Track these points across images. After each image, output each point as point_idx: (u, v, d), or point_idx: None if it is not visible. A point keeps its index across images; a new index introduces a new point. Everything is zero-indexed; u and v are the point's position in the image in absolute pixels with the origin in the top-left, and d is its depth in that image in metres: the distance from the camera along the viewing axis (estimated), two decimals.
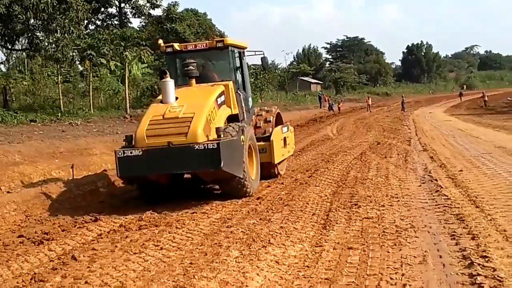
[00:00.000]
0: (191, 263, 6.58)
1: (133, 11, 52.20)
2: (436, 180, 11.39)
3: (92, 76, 28.89)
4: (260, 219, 8.81)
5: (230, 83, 12.21)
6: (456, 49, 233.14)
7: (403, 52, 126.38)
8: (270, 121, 13.40)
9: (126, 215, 10.17)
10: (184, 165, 10.24)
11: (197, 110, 10.66)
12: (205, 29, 60.41)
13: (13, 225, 9.96)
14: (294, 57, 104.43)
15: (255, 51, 13.81)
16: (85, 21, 34.46)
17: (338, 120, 38.98)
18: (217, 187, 11.99)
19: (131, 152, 10.29)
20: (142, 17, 54.91)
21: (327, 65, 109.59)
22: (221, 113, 11.57)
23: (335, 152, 18.44)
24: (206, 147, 9.97)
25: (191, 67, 12.00)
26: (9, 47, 25.56)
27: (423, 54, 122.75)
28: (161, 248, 7.44)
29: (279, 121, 14.14)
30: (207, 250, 7.15)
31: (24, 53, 31.08)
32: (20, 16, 20.80)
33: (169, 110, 10.85)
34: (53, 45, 22.91)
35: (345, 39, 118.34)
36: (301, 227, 8.18)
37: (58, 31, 22.60)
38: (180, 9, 55.50)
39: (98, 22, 51.27)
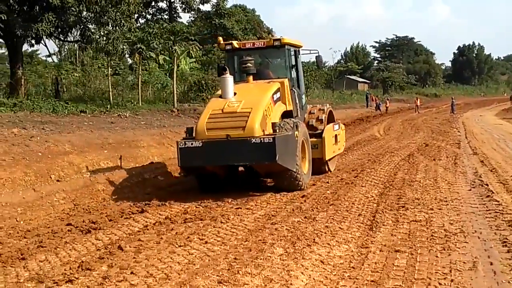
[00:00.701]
0: (235, 259, 6.57)
1: (183, 6, 52.54)
2: (487, 184, 11.09)
3: (141, 69, 29.24)
4: (305, 217, 8.74)
5: (286, 81, 12.61)
6: (509, 51, 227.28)
7: (454, 53, 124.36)
8: (322, 119, 13.71)
9: (172, 208, 10.27)
10: (241, 157, 10.76)
11: (254, 105, 11.15)
12: (253, 26, 60.44)
13: (62, 213, 10.18)
14: (341, 55, 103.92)
15: (310, 50, 14.27)
16: (136, 15, 34.90)
17: (385, 120, 38.46)
18: (269, 180, 12.48)
19: (191, 144, 10.87)
20: (192, 12, 55.27)
21: (375, 64, 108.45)
22: (277, 109, 11.99)
23: (381, 152, 18.19)
24: (263, 141, 10.48)
25: (249, 64, 12.45)
26: (62, 38, 26.05)
27: (474, 55, 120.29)
28: (206, 242, 7.46)
29: (331, 118, 14.52)
30: (251, 246, 7.13)
31: (76, 45, 31.69)
32: (73, 8, 21.19)
33: (228, 105, 11.35)
34: (104, 37, 23.22)
35: (394, 38, 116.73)
36: (346, 227, 8.08)
37: (110, 24, 22.91)
38: (229, 4, 55.71)
39: (149, 16, 51.89)
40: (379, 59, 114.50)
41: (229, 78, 11.85)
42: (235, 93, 11.82)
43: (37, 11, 20.90)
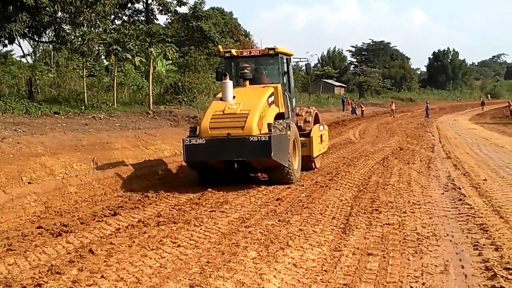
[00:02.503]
0: (208, 262, 6.52)
1: (160, 7, 52.27)
2: (460, 188, 11.20)
3: (117, 71, 28.99)
4: (279, 220, 8.72)
5: (279, 86, 13.97)
6: (483, 57, 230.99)
7: (429, 58, 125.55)
8: (309, 121, 15.20)
9: (145, 211, 10.19)
10: (240, 153, 12.11)
11: (252, 107, 12.47)
12: (230, 28, 60.50)
13: (32, 216, 10.03)
14: (318, 59, 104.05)
15: (300, 58, 15.85)
16: (112, 16, 34.66)
17: (361, 124, 38.74)
18: (262, 175, 13.94)
19: (196, 141, 12.20)
20: (169, 14, 55.00)
21: (351, 68, 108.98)
22: (271, 111, 13.27)
23: (356, 156, 18.29)
24: (260, 139, 11.85)
25: (246, 71, 13.93)
26: (36, 39, 25.73)
27: (449, 60, 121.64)
28: (179, 246, 7.40)
29: (316, 120, 16.02)
30: (224, 249, 7.09)
31: (50, 46, 31.34)
32: (47, 8, 20.89)
33: (228, 107, 12.66)
34: (80, 38, 22.97)
35: (371, 43, 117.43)
36: (320, 230, 8.08)
37: (85, 24, 22.68)
38: (206, 7, 55.57)
39: (125, 18, 51.49)
40: (356, 63, 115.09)
41: (229, 83, 13.13)
42: (234, 96, 13.05)
43: (10, 11, 20.53)
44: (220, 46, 15.18)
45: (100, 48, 25.69)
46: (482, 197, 10.20)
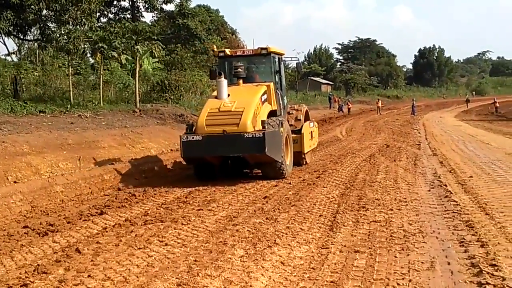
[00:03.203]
0: (195, 261, 6.51)
1: (146, 5, 51.94)
2: (446, 185, 11.26)
3: (103, 69, 28.82)
4: (267, 218, 8.73)
5: (271, 84, 14.45)
6: (468, 54, 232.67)
7: (415, 55, 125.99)
8: (300, 118, 15.79)
9: (132, 210, 10.16)
10: (236, 149, 12.53)
11: (246, 105, 12.98)
12: (217, 26, 60.35)
13: (18, 216, 9.97)
14: (305, 56, 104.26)
15: (291, 57, 16.73)
16: (97, 14, 34.45)
17: (348, 122, 38.85)
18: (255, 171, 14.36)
19: (193, 138, 12.71)
20: (155, 12, 54.72)
21: (338, 65, 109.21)
22: (264, 108, 13.75)
23: (343, 153, 18.34)
24: (254, 136, 12.33)
25: (239, 70, 14.31)
26: (21, 37, 25.48)
27: (435, 58, 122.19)
28: (166, 244, 7.38)
29: (307, 117, 16.55)
30: (212, 248, 7.09)
31: (35, 44, 30.99)
32: (32, 6, 20.71)
33: (223, 105, 13.16)
34: (65, 36, 22.79)
35: (357, 40, 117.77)
36: (307, 228, 8.10)
37: (70, 22, 22.47)
38: (192, 5, 55.40)
39: (111, 15, 51.12)
40: (342, 61, 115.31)
41: (224, 82, 13.64)
42: (228, 95, 13.56)
43: None
44: (214, 46, 15.95)
45: (85, 46, 25.50)
46: (468, 194, 10.27)
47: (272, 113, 14.13)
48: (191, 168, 14.21)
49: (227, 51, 15.07)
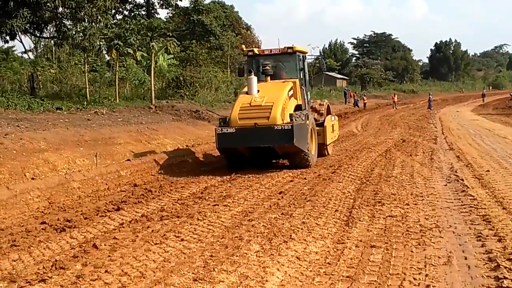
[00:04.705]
0: (211, 256, 6.54)
1: (161, 1, 52.05)
2: (462, 180, 11.17)
3: (119, 66, 28.96)
4: (282, 213, 8.73)
5: (297, 81, 15.47)
6: (485, 48, 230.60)
7: (431, 49, 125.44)
8: (322, 112, 16.79)
9: (148, 205, 10.20)
10: (266, 140, 13.52)
11: (275, 100, 13.95)
12: (231, 22, 60.37)
13: (36, 212, 10.06)
14: (320, 52, 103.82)
15: (315, 55, 17.23)
16: (113, 11, 34.54)
17: (363, 117, 38.68)
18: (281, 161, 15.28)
19: (227, 130, 13.72)
20: (170, 8, 54.94)
21: (353, 60, 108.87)
22: (291, 103, 14.72)
23: (359, 148, 18.28)
24: (283, 128, 13.36)
25: (267, 67, 15.36)
26: (37, 34, 25.72)
27: (451, 52, 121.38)
28: (182, 240, 7.42)
29: (328, 111, 17.52)
30: (228, 243, 7.11)
31: (51, 41, 31.28)
32: (48, 4, 20.88)
33: (254, 100, 14.13)
34: (81, 33, 22.92)
35: (372, 34, 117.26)
36: (323, 223, 8.08)
37: (86, 19, 22.64)
38: (207, 1, 55.47)
39: (126, 12, 51.41)
40: (357, 55, 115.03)
41: (254, 78, 14.60)
42: (258, 91, 14.47)
43: (11, 7, 20.53)
44: (243, 46, 17.51)
45: (101, 43, 25.64)
46: (485, 188, 10.18)
47: (297, 107, 15.02)
48: (206, 164, 14.25)
49: (256, 50, 16.14)
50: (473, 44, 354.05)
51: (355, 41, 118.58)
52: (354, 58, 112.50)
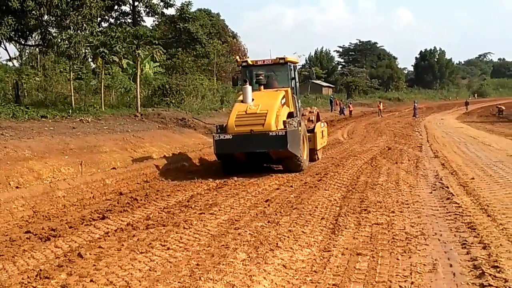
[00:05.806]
0: (197, 264, 6.52)
1: (147, 9, 52.02)
2: (447, 187, 11.24)
3: (104, 73, 28.84)
4: (268, 221, 8.73)
5: (289, 89, 16.26)
6: (469, 56, 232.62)
7: (415, 57, 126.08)
8: (312, 119, 17.48)
9: (134, 214, 10.15)
10: (261, 146, 14.29)
11: (269, 108, 14.75)
12: (218, 30, 60.38)
13: (20, 221, 9.97)
14: (306, 60, 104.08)
15: (304, 65, 18.26)
16: (98, 19, 34.46)
17: (349, 124, 38.86)
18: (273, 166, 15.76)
19: (224, 136, 14.49)
20: (156, 16, 54.80)
21: (339, 68, 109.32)
22: (284, 110, 15.50)
23: (345, 156, 18.34)
24: (277, 134, 14.15)
25: (261, 77, 16.20)
26: (22, 42, 25.57)
27: (436, 60, 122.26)
28: (168, 248, 7.39)
29: (318, 118, 18.17)
30: (214, 251, 7.09)
31: (37, 49, 31.12)
32: (33, 11, 20.81)
33: (249, 108, 14.88)
34: (66, 41, 22.79)
35: (358, 43, 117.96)
36: (309, 231, 8.09)
37: (71, 27, 22.57)
38: (193, 9, 55.44)
39: (112, 20, 51.18)
40: (343, 63, 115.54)
41: (249, 88, 15.36)
42: (253, 99, 15.19)
43: None
44: (238, 57, 18.31)
45: (87, 51, 25.56)
46: (469, 196, 10.25)
47: (290, 115, 15.82)
48: (192, 172, 14.23)
49: (249, 61, 16.93)
50: (457, 52, 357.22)
51: (340, 49, 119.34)
52: (340, 66, 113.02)
